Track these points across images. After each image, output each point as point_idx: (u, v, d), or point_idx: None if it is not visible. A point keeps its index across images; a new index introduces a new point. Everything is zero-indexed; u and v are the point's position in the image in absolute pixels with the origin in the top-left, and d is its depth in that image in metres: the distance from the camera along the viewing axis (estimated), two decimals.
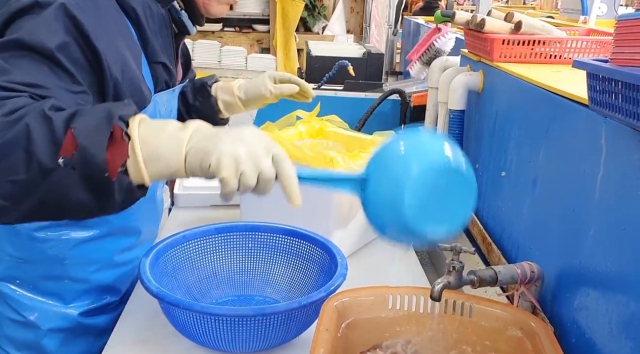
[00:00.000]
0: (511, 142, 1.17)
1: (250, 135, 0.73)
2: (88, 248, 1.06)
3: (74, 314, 1.09)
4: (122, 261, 1.13)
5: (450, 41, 1.74)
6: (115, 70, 0.88)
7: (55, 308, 1.08)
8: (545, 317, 0.92)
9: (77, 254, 1.06)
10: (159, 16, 1.02)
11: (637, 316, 0.69)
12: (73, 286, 1.08)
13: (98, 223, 1.06)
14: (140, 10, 0.96)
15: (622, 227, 0.73)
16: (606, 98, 0.69)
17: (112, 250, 1.10)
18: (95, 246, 1.07)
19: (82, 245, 1.06)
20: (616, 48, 0.68)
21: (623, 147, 0.74)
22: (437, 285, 0.85)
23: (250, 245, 1.17)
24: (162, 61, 1.03)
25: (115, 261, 1.12)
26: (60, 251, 1.04)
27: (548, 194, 0.98)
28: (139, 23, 0.96)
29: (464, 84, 1.39)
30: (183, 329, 0.95)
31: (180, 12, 1.08)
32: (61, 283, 1.07)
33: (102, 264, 1.10)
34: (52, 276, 1.07)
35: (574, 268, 0.86)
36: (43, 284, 1.07)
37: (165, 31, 1.05)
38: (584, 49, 1.28)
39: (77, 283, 1.08)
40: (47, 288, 1.07)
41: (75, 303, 1.09)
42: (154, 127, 0.72)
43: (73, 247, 1.05)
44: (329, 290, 0.94)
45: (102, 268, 1.10)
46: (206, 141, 0.71)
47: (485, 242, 1.25)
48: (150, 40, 0.99)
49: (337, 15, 5.15)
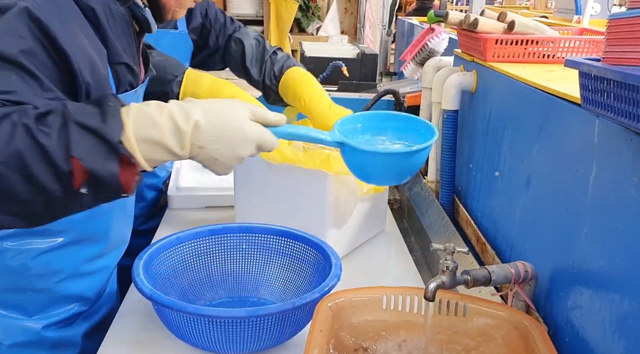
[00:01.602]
0: (504, 142, 1.17)
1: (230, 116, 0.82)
2: (51, 257, 1.01)
3: (37, 328, 1.03)
4: (90, 270, 1.08)
5: (444, 41, 1.74)
6: (86, 74, 0.84)
7: (18, 321, 1.02)
8: (539, 316, 0.92)
9: (40, 264, 1.00)
10: (119, 15, 0.97)
11: (630, 315, 0.69)
12: (36, 297, 1.03)
13: (61, 231, 1.01)
14: (99, 10, 0.91)
15: (614, 226, 0.73)
16: (598, 97, 0.69)
17: (77, 259, 1.05)
18: (59, 255, 1.02)
19: (45, 254, 1.00)
20: (608, 47, 0.69)
21: (615, 146, 0.74)
22: (431, 285, 0.85)
23: (245, 246, 1.17)
24: (124, 62, 0.98)
25: (82, 270, 1.06)
26: (21, 261, 0.99)
27: (541, 193, 0.98)
28: (98, 23, 0.92)
29: (457, 84, 1.39)
30: (177, 331, 0.95)
31: (144, 9, 1.04)
32: (24, 294, 1.02)
33: (68, 273, 1.04)
34: (14, 287, 1.01)
35: (567, 267, 0.86)
36: (3, 297, 1.01)
37: (126, 30, 1.00)
38: (577, 49, 1.28)
39: (40, 294, 1.03)
40: (8, 301, 1.02)
41: (38, 315, 1.04)
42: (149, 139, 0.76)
43: (35, 257, 1.00)
44: (323, 291, 0.94)
45: (67, 278, 1.05)
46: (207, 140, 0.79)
47: (480, 242, 1.25)
48: (111, 40, 0.94)
49: (331, 16, 5.15)
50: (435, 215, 1.45)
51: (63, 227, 1.00)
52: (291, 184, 1.28)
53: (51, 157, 0.70)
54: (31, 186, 0.70)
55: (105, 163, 0.72)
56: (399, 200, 1.79)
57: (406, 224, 1.66)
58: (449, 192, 1.47)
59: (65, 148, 0.70)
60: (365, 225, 1.40)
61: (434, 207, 1.49)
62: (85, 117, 0.73)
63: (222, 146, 0.81)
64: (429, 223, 1.45)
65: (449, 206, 1.47)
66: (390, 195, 1.72)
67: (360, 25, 4.35)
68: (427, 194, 1.57)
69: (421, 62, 1.78)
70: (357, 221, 1.36)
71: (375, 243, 1.45)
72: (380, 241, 1.46)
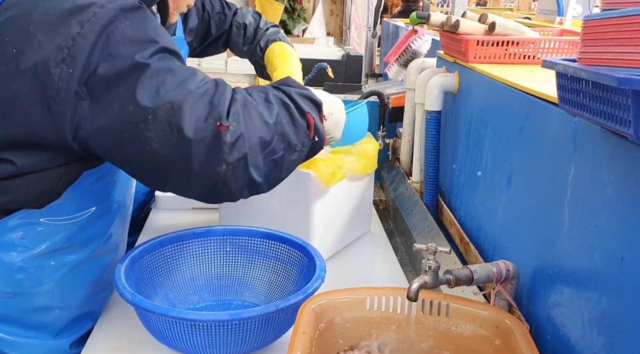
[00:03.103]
0: (486, 142, 1.18)
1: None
2: (78, 272, 0.99)
3: (64, 347, 1.01)
4: (107, 282, 1.06)
5: (427, 43, 1.75)
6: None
7: (44, 342, 0.99)
8: (521, 315, 0.93)
9: (68, 280, 0.98)
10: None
11: (607, 312, 0.70)
12: (62, 315, 1.00)
13: (84, 245, 0.99)
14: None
15: (592, 225, 0.74)
16: (574, 97, 0.70)
17: (98, 271, 1.04)
18: (84, 269, 1.00)
19: (74, 270, 0.98)
20: (583, 47, 0.69)
21: (592, 145, 0.75)
22: (413, 285, 0.85)
23: (228, 249, 1.17)
24: None
25: (102, 282, 1.05)
26: (55, 278, 0.96)
27: (522, 193, 0.99)
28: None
29: (439, 85, 1.40)
30: (159, 336, 0.94)
31: (156, 14, 1.08)
32: (51, 313, 0.99)
33: (91, 287, 1.03)
34: (42, 307, 0.97)
35: (548, 265, 0.86)
36: (31, 318, 0.97)
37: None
38: (557, 49, 1.29)
39: (66, 311, 1.01)
40: (35, 322, 0.98)
41: (63, 333, 1.01)
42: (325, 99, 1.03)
43: (66, 273, 0.97)
44: (307, 293, 0.94)
45: (90, 291, 1.03)
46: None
47: (463, 242, 1.25)
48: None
49: (317, 18, 5.16)
50: (419, 215, 1.46)
51: (85, 242, 0.99)
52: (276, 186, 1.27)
53: (296, 120, 0.94)
54: (291, 149, 0.94)
55: (317, 115, 0.97)
56: (384, 201, 1.79)
57: (391, 225, 1.66)
58: (433, 193, 1.48)
59: (302, 108, 0.95)
60: (351, 226, 1.40)
61: (418, 207, 1.49)
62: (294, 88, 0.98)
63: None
64: (414, 223, 1.46)
65: (433, 206, 1.48)
66: (375, 196, 1.72)
67: (346, 27, 4.37)
68: (411, 194, 1.58)
69: (405, 64, 1.79)
70: (343, 222, 1.36)
71: (361, 244, 1.45)
72: (366, 242, 1.47)
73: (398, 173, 1.78)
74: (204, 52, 1.66)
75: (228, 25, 1.57)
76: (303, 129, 0.95)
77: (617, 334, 0.68)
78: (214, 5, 1.57)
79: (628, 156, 0.66)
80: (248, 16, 1.56)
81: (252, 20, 1.55)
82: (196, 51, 1.63)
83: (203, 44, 1.61)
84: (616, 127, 0.61)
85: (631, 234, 0.65)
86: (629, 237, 0.66)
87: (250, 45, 1.54)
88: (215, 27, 1.57)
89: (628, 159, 0.66)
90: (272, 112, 0.91)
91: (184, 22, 1.52)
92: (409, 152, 1.73)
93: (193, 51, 1.61)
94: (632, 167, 0.65)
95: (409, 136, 1.72)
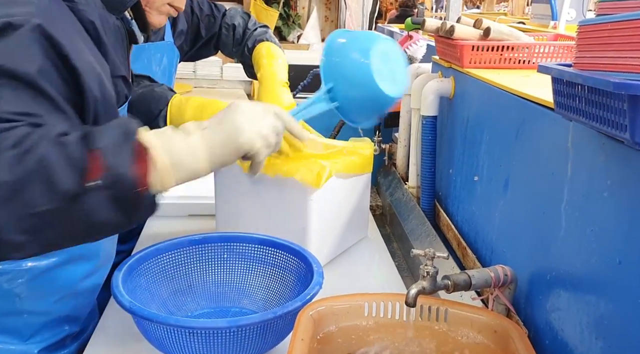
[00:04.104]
0: (482, 147, 1.18)
1: (249, 107, 0.87)
2: (49, 278, 0.98)
3: (33, 352, 1.00)
4: (83, 289, 1.04)
5: (422, 48, 1.76)
6: (95, 90, 0.84)
7: (12, 347, 0.98)
8: (519, 320, 0.93)
9: (38, 285, 0.97)
10: (115, 27, 0.99)
11: (605, 316, 0.70)
12: (33, 320, 0.99)
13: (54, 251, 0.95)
14: (98, 24, 0.91)
15: (590, 229, 0.74)
16: (570, 102, 0.70)
17: (73, 278, 1.02)
18: (56, 274, 0.98)
19: (43, 275, 0.97)
20: (579, 52, 0.70)
21: (589, 150, 0.75)
22: (412, 291, 0.85)
23: (226, 256, 1.16)
24: (122, 74, 0.99)
25: (77, 289, 1.03)
26: (19, 283, 0.95)
27: (519, 197, 0.99)
28: (98, 37, 0.91)
29: (435, 90, 1.40)
30: (157, 344, 0.94)
31: (131, 21, 1.05)
32: (20, 318, 0.98)
33: (64, 293, 1.01)
34: (11, 311, 0.97)
35: (545, 270, 0.87)
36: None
37: (121, 43, 1.01)
38: (552, 54, 1.30)
39: (37, 316, 1.00)
40: (4, 326, 0.97)
41: (34, 339, 1.00)
42: (162, 134, 0.79)
43: (33, 278, 0.96)
44: (305, 299, 0.94)
45: (63, 298, 1.01)
46: (223, 131, 0.83)
47: (460, 247, 1.25)
48: (111, 54, 0.94)
49: (312, 24, 5.17)
50: (416, 220, 1.46)
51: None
52: (272, 192, 1.27)
53: (69, 151, 0.69)
54: (52, 192, 0.68)
55: (121, 151, 0.72)
56: (381, 206, 1.79)
57: (388, 230, 1.67)
58: (430, 198, 1.48)
59: (84, 145, 0.71)
60: (348, 232, 1.40)
61: (415, 212, 1.49)
62: (106, 125, 0.76)
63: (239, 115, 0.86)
64: (411, 229, 1.46)
65: (430, 211, 1.48)
66: (372, 201, 1.72)
67: None
68: (408, 199, 1.58)
69: None
70: (340, 228, 1.36)
71: (358, 250, 1.45)
72: (363, 248, 1.47)
73: (394, 178, 1.78)
74: (196, 55, 1.67)
75: (218, 28, 1.58)
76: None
77: (615, 338, 0.68)
78: (203, 8, 1.58)
79: (624, 160, 0.66)
80: (237, 17, 1.57)
81: (240, 21, 1.56)
82: (188, 54, 1.63)
83: (194, 47, 1.62)
84: (612, 132, 0.62)
85: (628, 238, 0.66)
86: (627, 242, 0.66)
87: (239, 46, 1.56)
88: (205, 30, 1.58)
89: (624, 164, 0.66)
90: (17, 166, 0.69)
91: (173, 26, 1.53)
92: (405, 157, 1.73)
93: (185, 54, 1.62)
94: (629, 171, 0.66)
95: (405, 141, 1.73)
